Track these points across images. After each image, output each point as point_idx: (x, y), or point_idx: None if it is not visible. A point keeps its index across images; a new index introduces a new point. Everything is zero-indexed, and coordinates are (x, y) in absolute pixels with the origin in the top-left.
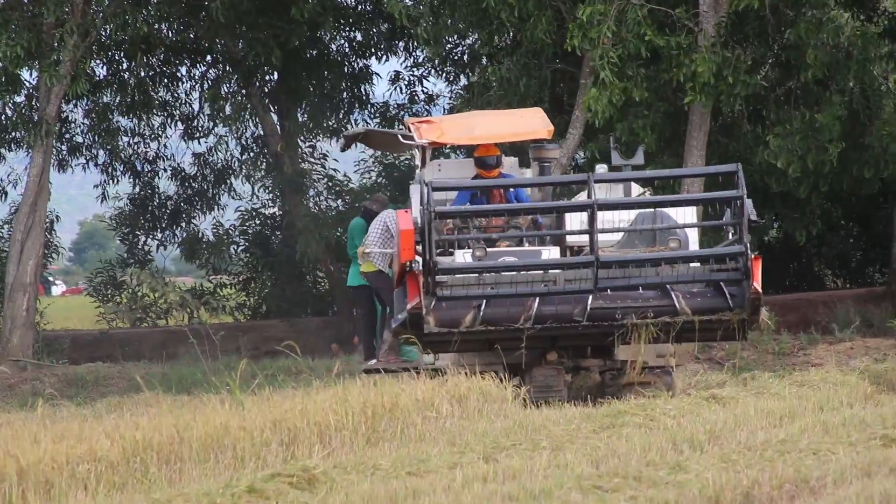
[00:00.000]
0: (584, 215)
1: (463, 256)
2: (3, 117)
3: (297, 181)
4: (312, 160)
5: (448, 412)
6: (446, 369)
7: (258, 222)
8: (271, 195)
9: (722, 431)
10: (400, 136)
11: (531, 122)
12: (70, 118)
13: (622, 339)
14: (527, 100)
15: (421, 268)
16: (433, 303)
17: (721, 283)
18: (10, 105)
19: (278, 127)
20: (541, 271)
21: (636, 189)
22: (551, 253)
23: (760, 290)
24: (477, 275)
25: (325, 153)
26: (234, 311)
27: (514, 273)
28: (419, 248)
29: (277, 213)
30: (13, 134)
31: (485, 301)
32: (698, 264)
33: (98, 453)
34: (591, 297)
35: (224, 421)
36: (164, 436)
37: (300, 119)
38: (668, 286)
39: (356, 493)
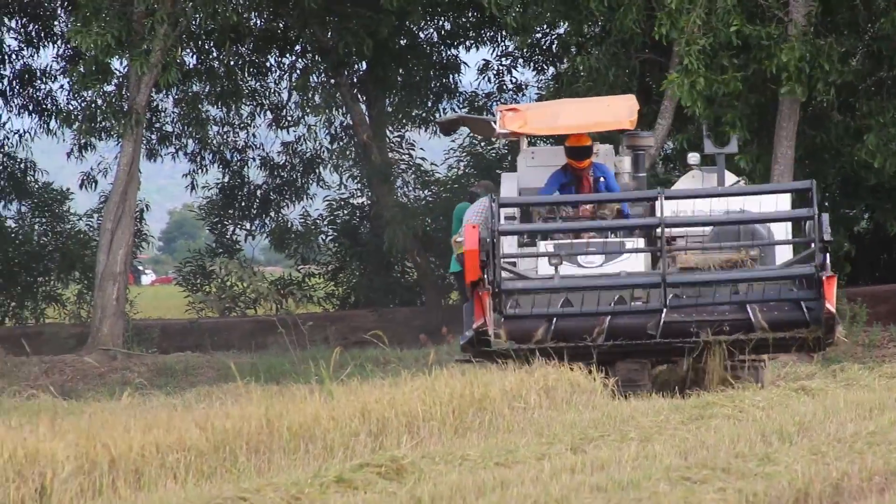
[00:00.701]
0: (678, 203)
1: (545, 247)
2: (93, 106)
3: (385, 171)
4: (400, 150)
5: (536, 403)
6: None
7: (346, 212)
8: (359, 185)
9: (811, 423)
10: (492, 124)
11: (615, 112)
12: (160, 107)
13: (696, 354)
14: (615, 89)
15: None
16: (501, 321)
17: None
18: (100, 94)
19: (367, 117)
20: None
21: (730, 178)
22: (636, 244)
23: (834, 311)
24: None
25: (412, 143)
26: (322, 301)
27: (587, 277)
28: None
29: (366, 203)
30: (103, 123)
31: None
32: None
33: (187, 443)
34: (664, 311)
35: (313, 411)
36: (253, 426)
37: (388, 109)
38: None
39: (444, 483)
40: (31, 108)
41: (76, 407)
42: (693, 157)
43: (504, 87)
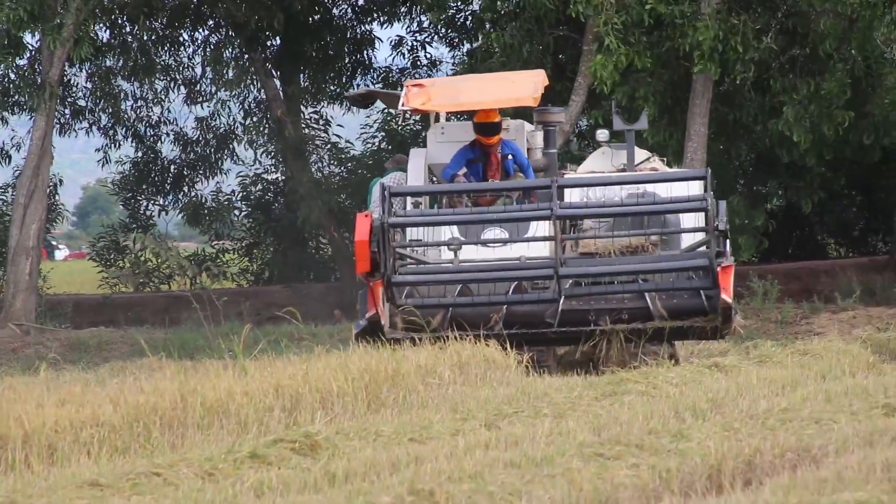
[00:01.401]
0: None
1: (448, 229)
2: (5, 80)
3: (300, 147)
4: (315, 126)
5: (450, 379)
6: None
7: (260, 188)
8: (274, 161)
9: (724, 400)
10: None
11: (519, 88)
12: (73, 82)
13: (594, 341)
14: (529, 66)
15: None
16: (395, 309)
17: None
18: (12, 68)
19: (281, 92)
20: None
21: (640, 154)
22: (539, 227)
23: (730, 300)
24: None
25: (327, 119)
26: (236, 277)
27: (482, 264)
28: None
29: (280, 179)
30: (16, 97)
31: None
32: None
33: (101, 418)
34: (562, 300)
35: (227, 386)
36: (167, 401)
37: (303, 84)
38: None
39: (358, 459)
40: None
41: None
42: (602, 134)
43: (418, 62)
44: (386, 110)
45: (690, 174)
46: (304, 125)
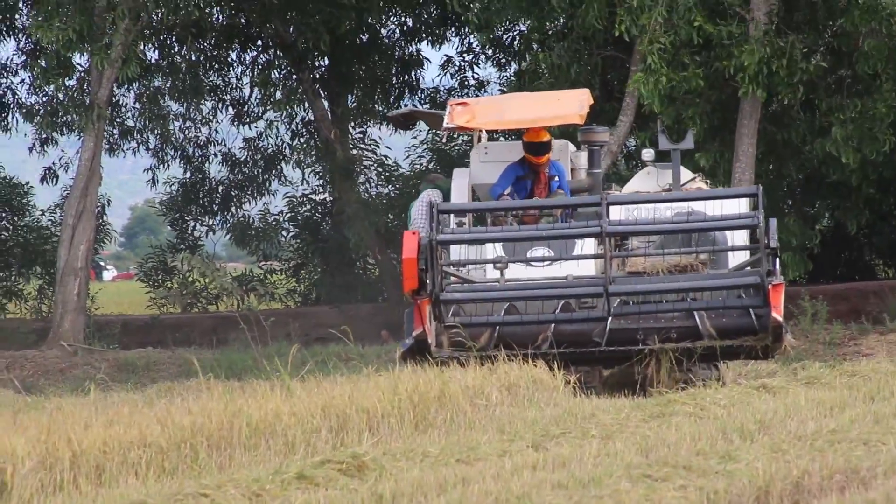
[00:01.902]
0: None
1: (493, 248)
2: (55, 101)
3: (348, 167)
4: (363, 146)
5: (498, 400)
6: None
7: (308, 208)
8: (321, 181)
9: (772, 421)
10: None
11: (564, 106)
12: (121, 102)
13: (644, 361)
14: (577, 86)
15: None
16: (442, 328)
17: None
18: (61, 89)
19: (329, 113)
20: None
21: (686, 175)
22: (585, 245)
23: (781, 319)
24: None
25: (375, 139)
26: (283, 298)
27: (530, 283)
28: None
29: (328, 200)
30: (65, 118)
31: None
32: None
33: (149, 439)
34: (609, 319)
35: (274, 407)
36: (214, 422)
37: (351, 105)
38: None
39: (405, 479)
40: None
41: (37, 402)
42: (647, 154)
43: (466, 83)
44: (433, 130)
45: (741, 191)
46: (351, 145)
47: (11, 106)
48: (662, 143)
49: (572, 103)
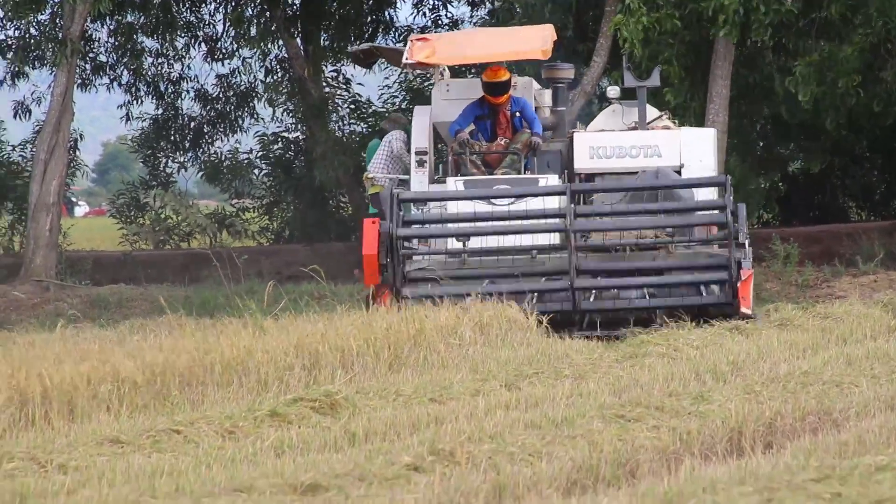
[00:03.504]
0: (594, 138)
1: (455, 184)
2: (27, 35)
3: (320, 105)
4: (336, 84)
5: (471, 339)
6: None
7: (280, 146)
8: (294, 119)
9: (745, 363)
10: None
11: (527, 42)
12: (94, 37)
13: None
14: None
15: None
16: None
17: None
18: (34, 24)
19: (302, 50)
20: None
21: (652, 112)
22: (549, 181)
23: (750, 311)
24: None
25: (348, 77)
26: (256, 235)
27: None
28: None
29: (300, 138)
30: (37, 52)
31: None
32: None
33: (120, 375)
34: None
35: (247, 345)
36: (186, 359)
37: (323, 43)
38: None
39: (378, 418)
40: None
41: (8, 337)
42: (612, 91)
43: (440, 21)
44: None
45: (708, 181)
46: (324, 84)
47: None
48: (628, 80)
49: (535, 39)
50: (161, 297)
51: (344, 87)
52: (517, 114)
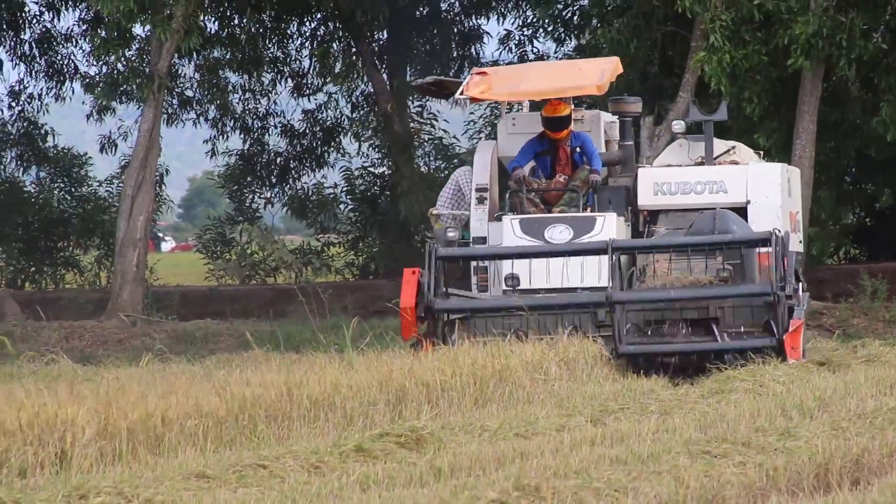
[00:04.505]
0: (660, 177)
1: (510, 222)
2: (115, 72)
3: (406, 141)
4: (421, 120)
5: (557, 375)
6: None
7: (366, 181)
8: (380, 154)
9: (832, 398)
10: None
11: (583, 77)
12: (181, 72)
13: None
14: (637, 62)
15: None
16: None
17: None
18: (121, 59)
19: (388, 86)
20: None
21: (720, 146)
22: (606, 221)
23: (799, 359)
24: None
25: (434, 113)
26: (341, 271)
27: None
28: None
29: (386, 173)
30: (124, 87)
31: None
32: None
33: (206, 409)
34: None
35: (333, 380)
36: (272, 394)
37: (409, 78)
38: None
39: (464, 453)
40: (50, 72)
41: (95, 372)
42: (678, 125)
43: (525, 57)
44: (493, 105)
45: (754, 237)
46: (410, 119)
47: (71, 75)
48: (693, 114)
49: (593, 73)
50: (248, 332)
51: (428, 123)
52: (577, 149)
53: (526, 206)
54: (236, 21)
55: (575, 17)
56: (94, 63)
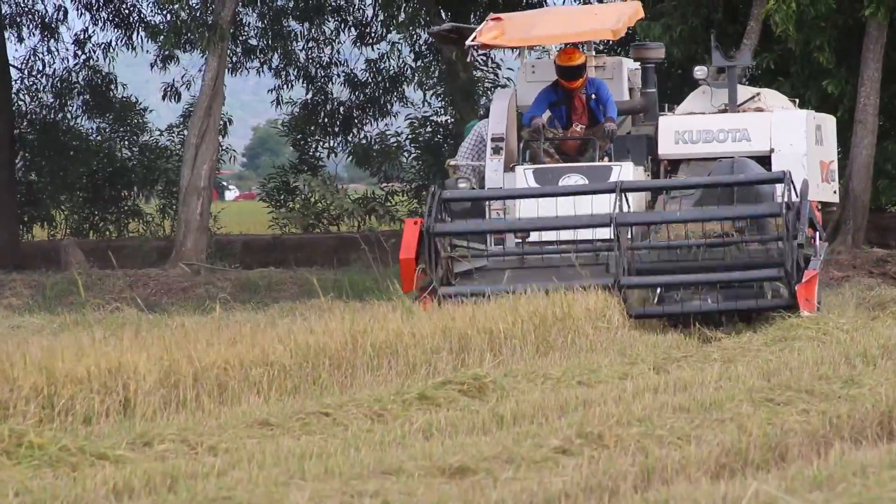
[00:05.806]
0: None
1: (524, 172)
2: (178, 21)
3: (469, 89)
4: (485, 68)
5: (619, 323)
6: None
7: (429, 130)
8: (443, 103)
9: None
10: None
11: (599, 21)
12: (244, 21)
13: None
14: (700, 9)
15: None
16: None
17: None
18: (185, 8)
19: None
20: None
21: (744, 92)
22: (622, 170)
23: (814, 312)
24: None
25: (498, 62)
26: (404, 219)
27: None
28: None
29: (449, 122)
30: (187, 36)
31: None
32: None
33: (270, 358)
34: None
35: (396, 328)
36: (336, 342)
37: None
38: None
39: (526, 401)
40: (115, 21)
41: (160, 320)
42: (699, 71)
43: (590, 3)
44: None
45: (767, 177)
46: (474, 67)
47: (136, 24)
48: (716, 60)
49: (609, 17)
50: (314, 279)
51: (492, 70)
52: (592, 96)
53: (541, 157)
54: None
55: None
56: (159, 12)
